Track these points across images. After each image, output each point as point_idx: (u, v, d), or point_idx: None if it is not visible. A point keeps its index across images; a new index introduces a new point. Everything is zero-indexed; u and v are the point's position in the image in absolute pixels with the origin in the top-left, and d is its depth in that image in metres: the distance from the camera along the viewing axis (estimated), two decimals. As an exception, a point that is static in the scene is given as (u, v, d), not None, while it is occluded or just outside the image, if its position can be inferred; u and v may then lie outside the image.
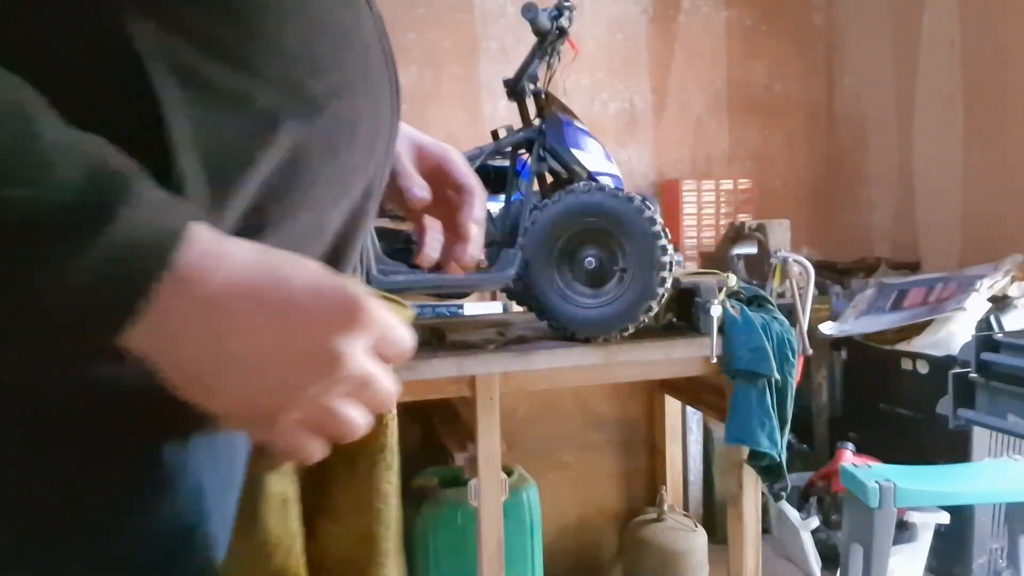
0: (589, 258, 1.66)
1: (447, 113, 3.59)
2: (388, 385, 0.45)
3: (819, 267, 3.04)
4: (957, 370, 1.99)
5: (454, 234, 0.70)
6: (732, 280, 1.75)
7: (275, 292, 0.41)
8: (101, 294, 0.37)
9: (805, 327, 1.87)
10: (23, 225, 0.35)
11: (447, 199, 0.71)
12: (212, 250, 0.40)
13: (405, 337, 0.45)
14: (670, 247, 1.61)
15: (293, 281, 0.42)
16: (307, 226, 0.50)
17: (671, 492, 2.29)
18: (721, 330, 1.70)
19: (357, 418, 0.44)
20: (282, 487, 0.47)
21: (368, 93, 0.53)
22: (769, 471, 1.77)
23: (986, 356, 1.92)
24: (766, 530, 2.11)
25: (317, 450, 0.45)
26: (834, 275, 3.51)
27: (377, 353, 0.44)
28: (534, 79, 1.91)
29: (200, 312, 0.40)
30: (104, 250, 0.36)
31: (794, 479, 2.21)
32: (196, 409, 0.42)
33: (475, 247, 0.68)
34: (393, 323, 0.44)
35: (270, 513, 0.47)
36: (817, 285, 2.77)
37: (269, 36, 0.46)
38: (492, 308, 2.54)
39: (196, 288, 0.39)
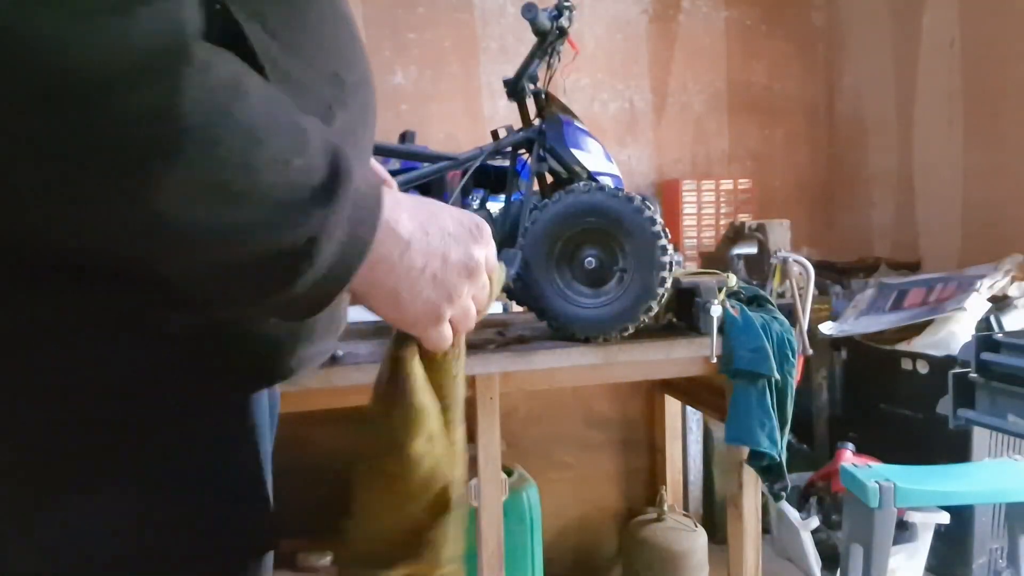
0: (589, 258, 1.66)
1: (447, 113, 3.59)
2: (489, 290, 0.61)
3: (819, 267, 3.04)
4: (957, 370, 1.99)
5: None
6: (732, 280, 1.75)
7: (435, 224, 0.56)
8: (355, 237, 0.48)
9: (805, 327, 1.87)
10: (300, 185, 0.45)
11: None
12: (393, 199, 0.53)
13: (493, 255, 0.61)
14: (670, 247, 1.61)
15: (442, 214, 0.57)
16: None
17: (671, 492, 2.29)
18: (721, 330, 1.70)
19: (475, 314, 0.60)
20: (421, 371, 0.60)
21: (367, 80, 0.62)
22: (769, 471, 1.77)
23: (986, 356, 1.92)
24: (766, 530, 2.11)
25: (451, 338, 0.59)
26: (834, 275, 3.51)
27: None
28: (534, 79, 1.91)
29: (398, 244, 0.53)
30: (345, 203, 0.47)
31: (794, 479, 2.21)
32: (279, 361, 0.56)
33: None
34: (490, 239, 0.60)
35: (419, 388, 0.59)
36: (817, 285, 2.77)
37: (315, 29, 0.54)
38: (492, 308, 2.54)
39: (393, 226, 0.52)
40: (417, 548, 0.61)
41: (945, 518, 2.00)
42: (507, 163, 1.93)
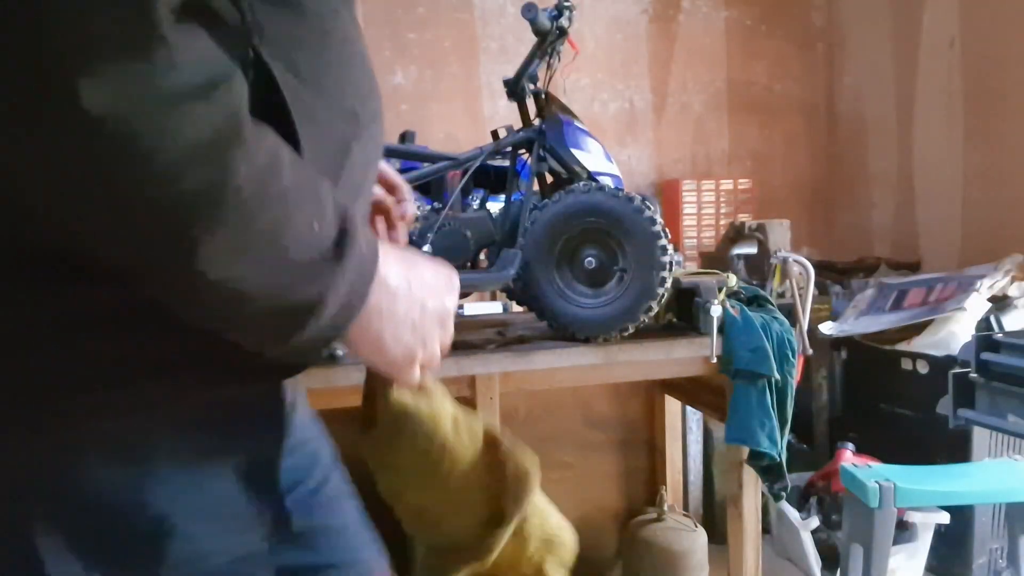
0: (589, 258, 1.66)
1: (447, 113, 3.59)
2: (452, 333, 0.67)
3: (819, 267, 3.04)
4: (957, 370, 1.99)
5: (389, 224, 0.88)
6: (732, 280, 1.75)
7: (417, 276, 0.62)
8: (356, 292, 0.55)
9: (805, 327, 1.88)
10: (316, 247, 0.51)
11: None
12: (383, 251, 0.58)
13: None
14: (670, 247, 1.61)
15: (422, 265, 0.63)
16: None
17: (671, 492, 2.29)
18: (721, 330, 1.70)
19: (439, 356, 0.66)
20: (425, 403, 0.67)
21: (380, 114, 0.66)
22: (769, 471, 1.77)
23: (986, 356, 1.92)
24: (766, 530, 2.11)
25: (419, 378, 0.65)
26: (834, 275, 3.51)
27: None
28: (534, 79, 1.90)
29: (387, 295, 0.59)
30: (352, 262, 0.53)
31: (794, 479, 2.21)
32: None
33: (405, 232, 0.89)
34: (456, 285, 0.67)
35: (429, 418, 0.67)
36: (817, 285, 2.77)
37: (335, 69, 0.59)
38: (492, 308, 2.54)
39: (385, 279, 0.58)
40: (494, 504, 0.71)
41: (945, 518, 2.00)
42: (507, 163, 1.93)
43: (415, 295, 0.61)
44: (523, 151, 1.91)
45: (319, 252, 0.51)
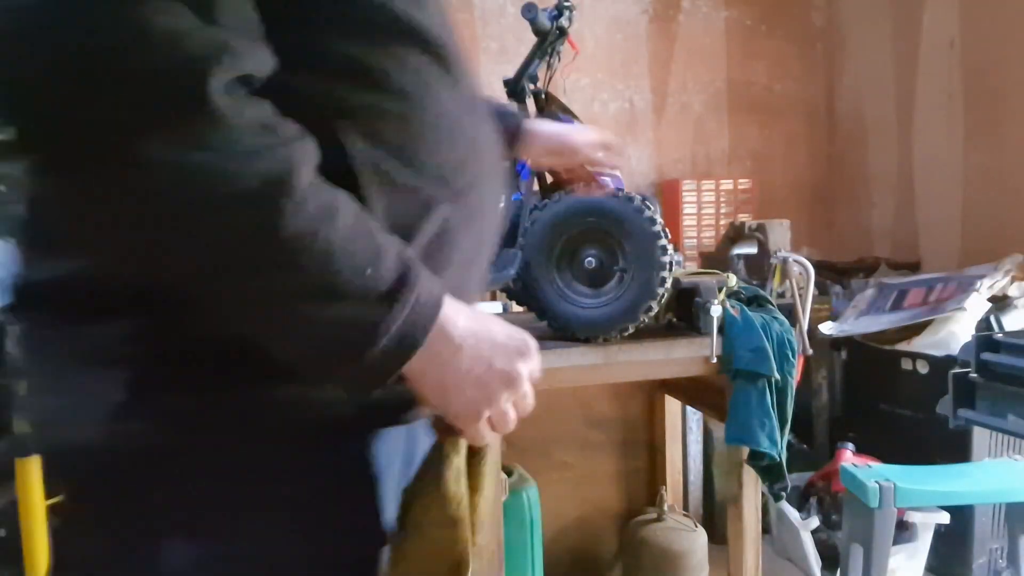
0: (589, 258, 1.66)
1: (447, 113, 3.59)
2: (531, 400, 0.71)
3: (819, 267, 3.04)
4: (957, 370, 1.99)
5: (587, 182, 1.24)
6: (732, 280, 1.75)
7: (486, 335, 0.66)
8: (410, 336, 0.60)
9: (805, 327, 1.87)
10: (369, 289, 0.58)
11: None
12: (452, 307, 0.64)
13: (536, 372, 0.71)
14: (670, 247, 1.61)
15: (494, 328, 0.67)
16: (452, 281, 0.70)
17: (671, 492, 2.29)
18: (721, 330, 1.70)
19: (514, 419, 0.69)
20: (460, 462, 0.70)
21: (490, 182, 0.76)
22: (769, 471, 1.77)
23: (986, 356, 1.92)
24: (766, 530, 2.11)
25: (489, 438, 0.69)
26: (834, 275, 3.51)
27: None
28: (534, 79, 1.90)
29: (449, 346, 0.63)
30: (406, 307, 0.59)
31: (794, 479, 2.21)
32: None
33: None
34: (536, 356, 0.70)
35: (451, 478, 0.69)
36: (817, 285, 2.77)
37: (430, 145, 0.68)
38: (492, 308, 2.54)
39: (449, 328, 0.63)
40: None
41: (945, 518, 2.00)
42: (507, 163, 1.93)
43: (481, 352, 0.65)
44: (523, 151, 1.91)
45: (372, 294, 0.58)
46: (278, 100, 0.57)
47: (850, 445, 2.22)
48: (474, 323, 0.66)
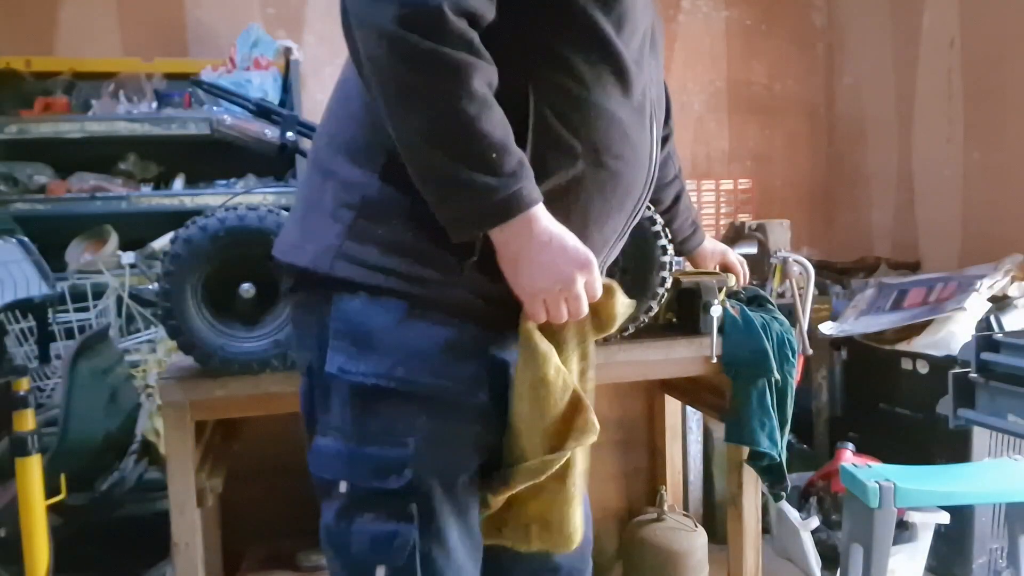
0: (589, 258, 1.66)
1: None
2: (596, 290, 0.94)
3: (819, 267, 3.04)
4: (957, 370, 1.99)
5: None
6: (732, 280, 1.75)
7: (559, 240, 0.90)
8: (499, 206, 0.86)
9: (805, 327, 1.87)
10: (488, 165, 0.85)
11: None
12: (544, 212, 0.90)
13: (599, 289, 0.95)
14: (670, 247, 1.61)
15: (568, 239, 0.91)
16: (571, 229, 0.93)
17: (671, 492, 2.29)
18: (721, 330, 1.70)
19: (585, 303, 0.93)
20: (536, 331, 0.95)
21: (633, 170, 1.03)
22: (769, 471, 1.77)
23: (986, 356, 1.92)
24: (766, 530, 2.11)
25: (564, 316, 0.93)
26: (834, 275, 3.51)
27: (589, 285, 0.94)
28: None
29: (529, 232, 0.89)
30: (506, 190, 0.86)
31: (794, 479, 2.21)
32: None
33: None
34: (598, 278, 0.95)
35: (537, 340, 0.95)
36: (817, 285, 2.77)
37: (592, 125, 0.96)
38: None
39: (533, 221, 0.89)
40: (561, 439, 0.98)
41: (945, 518, 2.00)
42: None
43: (552, 248, 0.89)
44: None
45: (488, 168, 0.85)
46: (499, 47, 0.87)
47: (850, 445, 2.22)
48: (556, 229, 0.90)
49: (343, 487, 0.95)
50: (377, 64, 0.85)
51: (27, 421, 1.61)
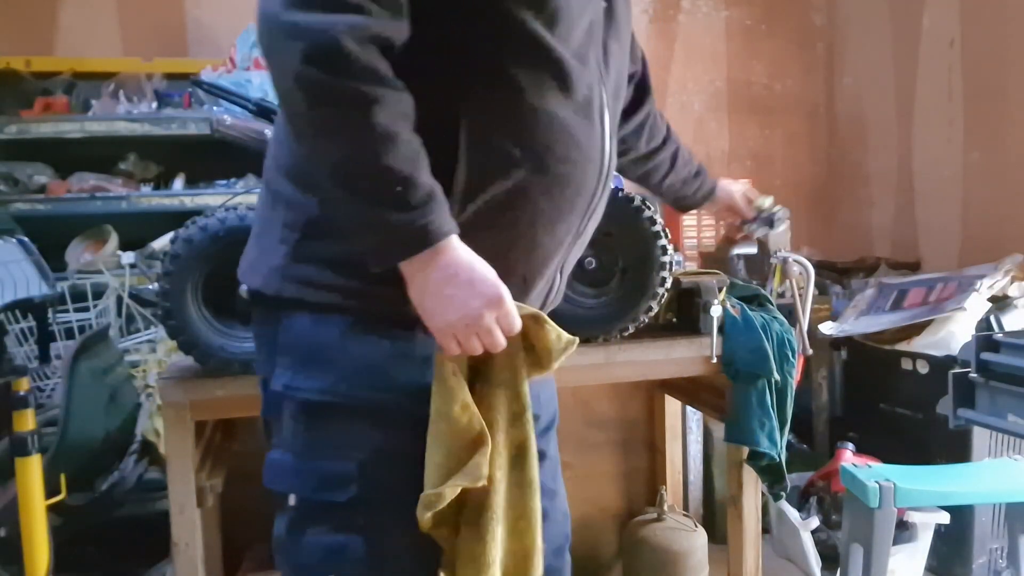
0: (589, 258, 1.66)
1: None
2: (513, 324, 0.92)
3: (819, 267, 3.03)
4: (957, 370, 1.99)
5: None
6: (767, 201, 1.77)
7: (468, 275, 0.88)
8: (414, 239, 0.85)
9: (805, 327, 1.87)
10: (394, 199, 0.84)
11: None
12: (459, 245, 0.88)
13: (515, 323, 0.92)
14: (670, 247, 1.61)
15: (478, 269, 0.88)
16: (520, 237, 0.98)
17: (671, 492, 2.29)
18: (721, 330, 1.70)
19: (499, 336, 0.91)
20: (454, 369, 0.93)
21: (582, 170, 1.00)
22: (769, 471, 1.77)
23: (986, 356, 1.92)
24: (766, 530, 2.11)
25: (477, 349, 0.91)
26: (834, 275, 3.51)
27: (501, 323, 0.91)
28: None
29: (436, 265, 0.87)
30: (411, 225, 0.84)
31: (794, 479, 2.21)
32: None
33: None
34: (512, 312, 0.91)
35: (447, 376, 0.93)
36: (817, 285, 2.77)
37: (531, 130, 0.94)
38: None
39: (440, 254, 0.86)
40: (466, 468, 0.93)
41: (945, 518, 2.00)
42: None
43: (459, 284, 0.87)
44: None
45: (393, 204, 0.83)
46: (424, 63, 0.87)
47: (850, 445, 2.22)
48: (465, 262, 0.88)
49: (292, 500, 0.97)
50: (285, 100, 0.85)
51: (27, 421, 1.61)
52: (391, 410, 0.95)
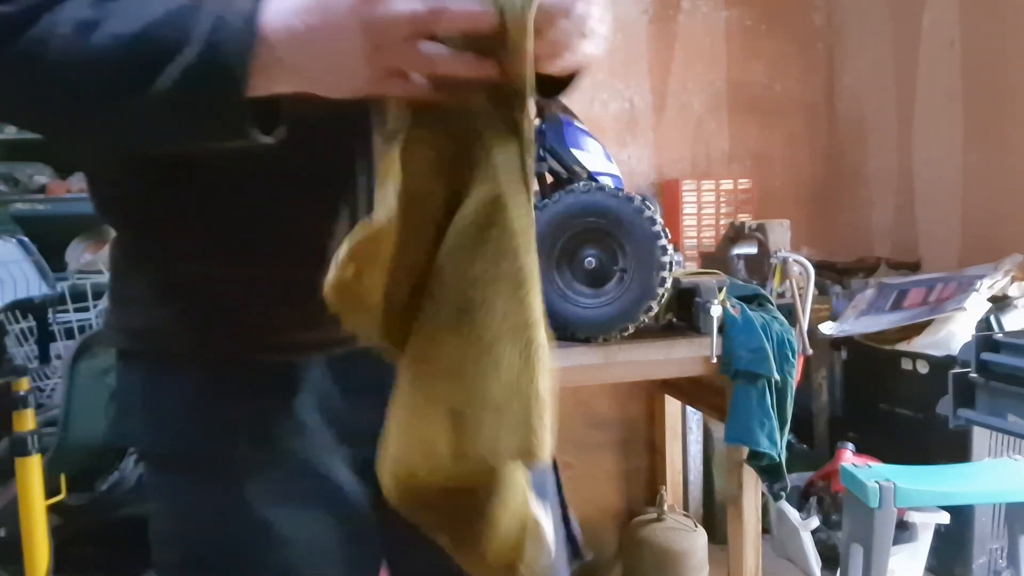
0: (589, 258, 1.66)
1: (447, 113, 3.58)
2: (458, 8, 0.57)
3: (819, 267, 3.04)
4: (957, 370, 1.99)
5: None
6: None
7: (314, 8, 0.57)
8: (233, 40, 0.57)
9: (805, 327, 1.87)
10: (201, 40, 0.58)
11: None
12: (271, 13, 0.58)
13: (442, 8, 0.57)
14: (670, 247, 1.61)
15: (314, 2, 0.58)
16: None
17: (671, 492, 2.29)
18: (721, 330, 1.70)
19: (434, 50, 0.58)
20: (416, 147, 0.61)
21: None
22: (769, 471, 1.77)
23: (986, 356, 1.92)
24: (766, 530, 2.11)
25: (416, 89, 0.60)
26: (834, 275, 3.51)
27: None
28: (534, 79, 1.90)
29: (295, 20, 0.57)
30: (214, 42, 0.57)
31: (794, 479, 2.21)
32: None
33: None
34: None
35: (413, 170, 0.62)
36: (817, 285, 2.77)
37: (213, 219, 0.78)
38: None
39: (269, 28, 0.58)
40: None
41: (945, 518, 2.00)
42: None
43: (320, 9, 0.57)
44: (523, 151, 1.91)
45: (167, 49, 0.57)
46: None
47: (850, 445, 2.22)
48: (300, 5, 0.58)
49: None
50: None
51: (27, 421, 1.61)
52: (194, 455, 0.84)
